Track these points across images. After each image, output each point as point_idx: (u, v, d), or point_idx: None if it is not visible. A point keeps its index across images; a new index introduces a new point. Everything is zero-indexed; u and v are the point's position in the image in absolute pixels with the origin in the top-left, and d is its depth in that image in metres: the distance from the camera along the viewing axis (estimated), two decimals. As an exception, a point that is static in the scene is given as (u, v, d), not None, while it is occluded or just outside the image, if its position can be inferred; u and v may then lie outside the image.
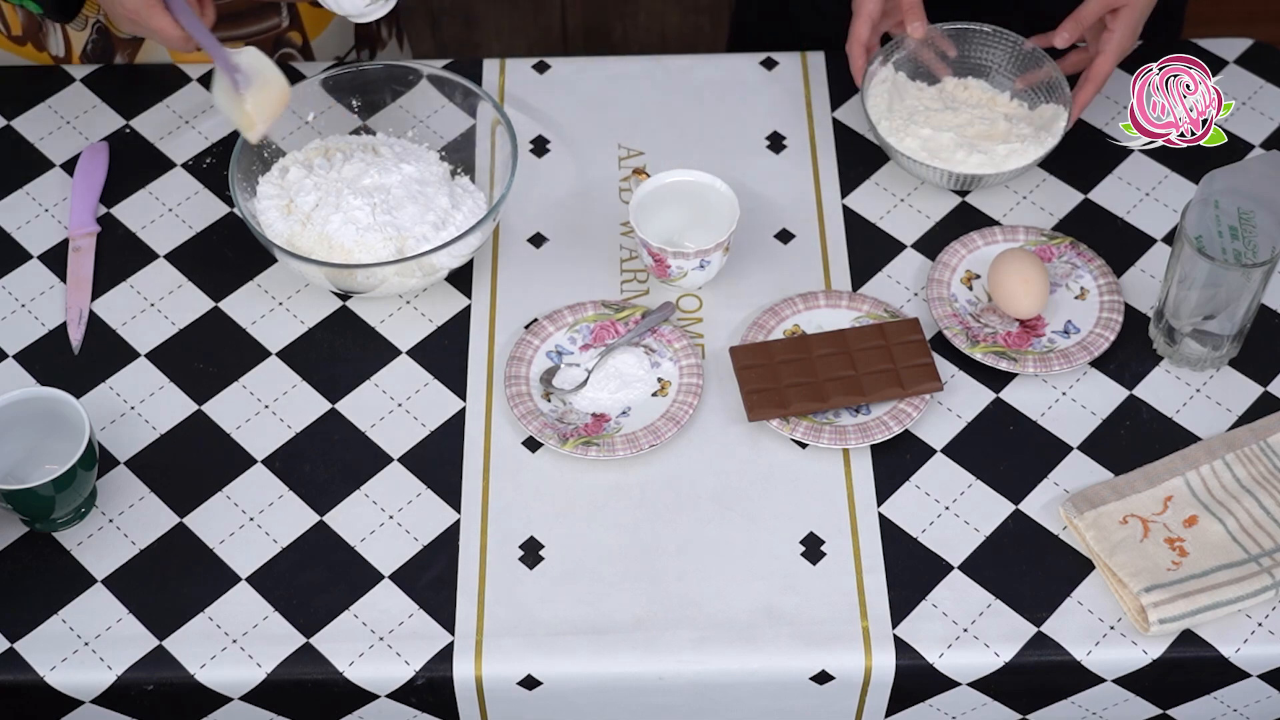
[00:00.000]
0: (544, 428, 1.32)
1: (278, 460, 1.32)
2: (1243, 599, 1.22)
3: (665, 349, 1.37)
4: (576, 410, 1.35)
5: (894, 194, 1.50)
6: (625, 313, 1.39)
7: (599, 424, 1.33)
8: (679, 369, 1.36)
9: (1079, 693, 1.24)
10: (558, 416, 1.34)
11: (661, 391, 1.35)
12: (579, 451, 1.30)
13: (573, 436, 1.32)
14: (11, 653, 1.22)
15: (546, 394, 1.35)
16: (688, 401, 1.34)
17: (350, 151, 1.46)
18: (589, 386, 1.35)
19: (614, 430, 1.33)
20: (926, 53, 1.52)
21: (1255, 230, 1.31)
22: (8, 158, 1.53)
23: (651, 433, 1.32)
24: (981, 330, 1.38)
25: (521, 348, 1.37)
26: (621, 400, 1.35)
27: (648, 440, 1.31)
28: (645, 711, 1.25)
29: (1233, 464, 1.30)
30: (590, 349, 1.38)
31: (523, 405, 1.33)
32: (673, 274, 1.39)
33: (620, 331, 1.38)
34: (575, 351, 1.38)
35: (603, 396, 1.35)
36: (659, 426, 1.32)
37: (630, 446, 1.31)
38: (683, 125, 1.55)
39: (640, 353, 1.37)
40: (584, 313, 1.39)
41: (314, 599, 1.24)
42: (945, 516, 1.29)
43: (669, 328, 1.38)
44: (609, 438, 1.32)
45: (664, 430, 1.32)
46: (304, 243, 1.38)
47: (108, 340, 1.40)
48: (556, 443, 1.31)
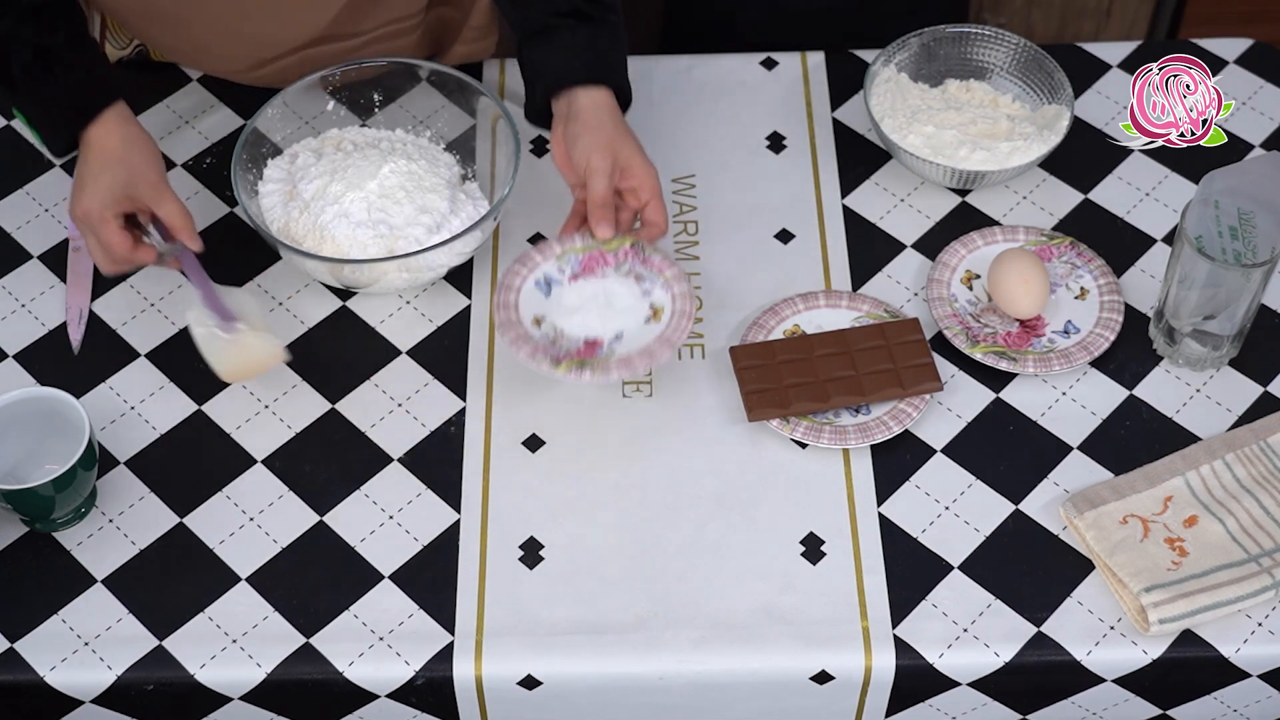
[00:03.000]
0: (536, 352, 1.31)
1: (278, 460, 1.32)
2: (1243, 599, 1.22)
3: (655, 277, 1.36)
4: (568, 336, 1.34)
5: (894, 194, 1.50)
6: (615, 242, 1.37)
7: (592, 349, 1.33)
8: (671, 295, 1.35)
9: (1079, 693, 1.24)
10: (550, 341, 1.33)
11: (654, 317, 1.35)
12: (573, 374, 1.29)
13: (566, 360, 1.30)
14: (11, 653, 1.22)
15: (537, 320, 1.34)
16: (682, 326, 1.32)
17: (362, 145, 1.46)
18: (580, 313, 1.34)
19: (608, 355, 1.32)
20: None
21: (1255, 230, 1.31)
22: (8, 158, 1.53)
23: (646, 354, 1.31)
24: (981, 330, 1.38)
25: (510, 276, 1.36)
26: (614, 326, 1.34)
27: (642, 363, 1.30)
28: (645, 711, 1.25)
29: (1233, 464, 1.30)
30: (579, 279, 1.37)
31: (513, 331, 1.32)
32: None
33: (610, 261, 1.37)
34: (564, 282, 1.37)
35: (594, 322, 1.34)
36: (653, 348, 1.31)
37: (625, 368, 1.30)
38: (683, 125, 1.55)
39: (631, 281, 1.36)
40: (572, 243, 1.38)
41: (314, 599, 1.24)
42: (945, 516, 1.29)
43: (658, 256, 1.37)
44: (603, 360, 1.31)
45: (658, 352, 1.30)
46: (299, 230, 1.38)
47: (108, 340, 1.40)
48: (549, 366, 1.29)
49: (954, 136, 1.46)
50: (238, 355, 1.31)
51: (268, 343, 1.32)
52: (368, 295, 1.42)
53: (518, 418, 1.35)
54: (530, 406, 1.35)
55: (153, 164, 1.34)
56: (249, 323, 1.32)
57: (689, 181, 1.51)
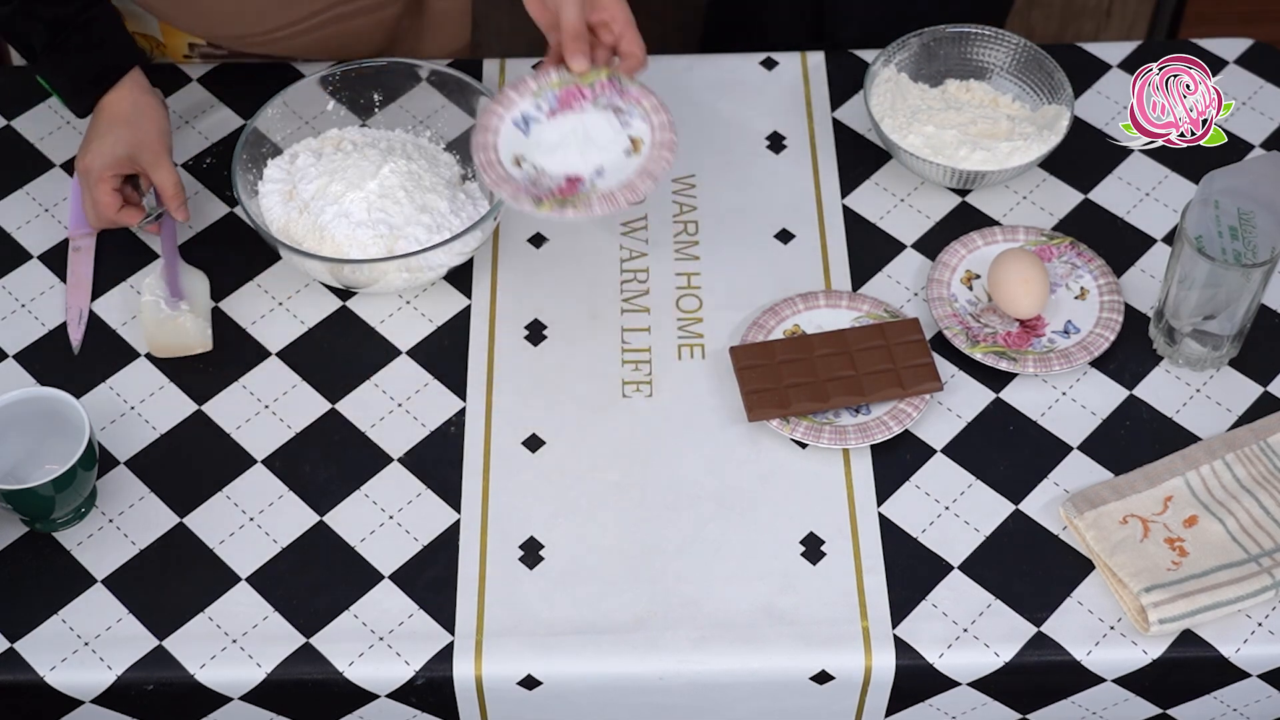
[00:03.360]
0: (517, 192, 1.30)
1: (278, 460, 1.32)
2: (1243, 599, 1.22)
3: (634, 108, 1.35)
4: (549, 174, 1.33)
5: (894, 194, 1.50)
6: (591, 75, 1.36)
7: (573, 186, 1.32)
8: (650, 126, 1.34)
9: (1079, 693, 1.24)
10: (531, 181, 1.32)
11: (635, 150, 1.34)
12: (555, 212, 1.29)
13: (548, 199, 1.30)
14: (11, 653, 1.22)
15: (517, 160, 1.34)
16: (663, 157, 1.32)
17: (362, 145, 1.46)
18: (560, 150, 1.34)
19: (590, 190, 1.31)
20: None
21: (1255, 230, 1.31)
22: (8, 158, 1.53)
23: (628, 189, 1.30)
24: (981, 330, 1.38)
25: (488, 117, 1.36)
26: (594, 161, 1.34)
27: (625, 197, 1.30)
28: (645, 711, 1.25)
29: (1233, 464, 1.30)
30: (557, 115, 1.36)
31: (494, 172, 1.32)
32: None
33: (587, 96, 1.36)
34: (543, 119, 1.36)
35: (574, 159, 1.33)
36: (635, 182, 1.31)
37: (607, 203, 1.29)
38: (683, 125, 1.55)
39: (609, 114, 1.36)
40: (548, 79, 1.36)
41: (314, 599, 1.24)
42: (945, 516, 1.29)
43: (636, 88, 1.36)
44: (585, 197, 1.30)
45: (640, 186, 1.30)
46: (298, 230, 1.39)
47: (108, 340, 1.40)
48: (531, 205, 1.29)
49: (954, 136, 1.46)
50: (170, 332, 1.37)
51: (200, 330, 1.38)
52: (368, 295, 1.42)
53: (518, 418, 1.35)
54: (530, 406, 1.35)
55: (158, 132, 1.42)
56: (193, 306, 1.38)
57: (689, 181, 1.51)
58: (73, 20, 1.40)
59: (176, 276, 1.41)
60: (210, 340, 1.38)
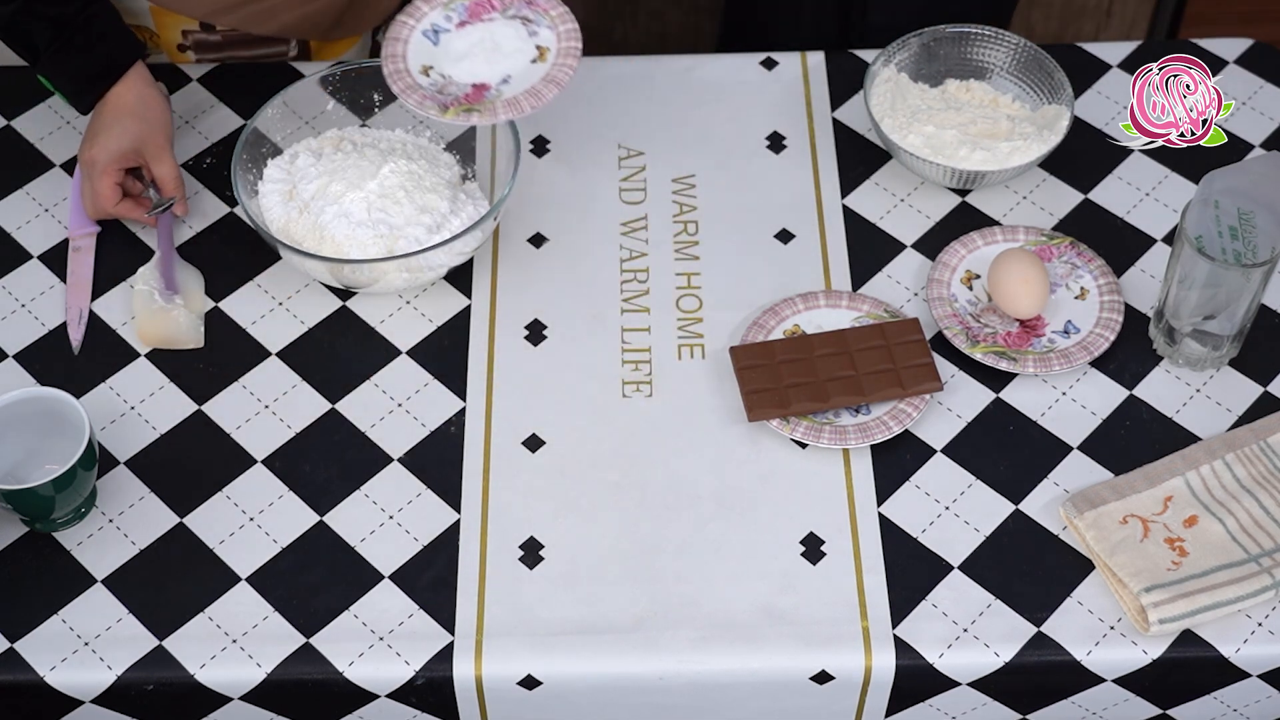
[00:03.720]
0: (424, 100, 1.35)
1: (278, 460, 1.32)
2: (1243, 599, 1.22)
3: (542, 18, 1.39)
4: (456, 82, 1.37)
5: (894, 194, 1.50)
6: None
7: (479, 93, 1.36)
8: (556, 34, 1.38)
9: (1079, 693, 1.24)
10: (438, 89, 1.36)
11: (540, 58, 1.37)
12: (460, 118, 1.34)
13: (454, 105, 1.34)
14: (11, 653, 1.22)
15: (425, 69, 1.37)
16: (567, 64, 1.36)
17: (362, 145, 1.46)
18: (467, 59, 1.37)
19: (495, 97, 1.35)
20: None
21: (1255, 230, 1.31)
22: (8, 158, 1.53)
23: (532, 95, 1.34)
24: (981, 330, 1.38)
25: (398, 28, 1.39)
26: (501, 69, 1.37)
27: (529, 103, 1.34)
28: (645, 711, 1.25)
29: (1233, 464, 1.30)
30: (466, 26, 1.39)
31: (402, 81, 1.36)
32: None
33: (496, 6, 1.39)
34: (452, 29, 1.39)
35: (481, 67, 1.37)
36: (539, 88, 1.35)
37: (511, 109, 1.34)
38: (683, 125, 1.55)
39: (518, 24, 1.39)
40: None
41: (314, 599, 1.24)
42: (945, 516, 1.29)
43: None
44: (490, 103, 1.34)
45: (544, 92, 1.34)
46: (298, 231, 1.39)
47: (108, 340, 1.40)
48: (438, 112, 1.34)
49: (954, 136, 1.46)
50: (162, 325, 1.38)
51: (192, 325, 1.39)
52: (368, 295, 1.42)
53: (518, 418, 1.35)
54: (530, 406, 1.35)
55: (161, 125, 1.45)
56: (187, 301, 1.40)
57: (689, 181, 1.51)
58: (74, 18, 1.41)
59: (172, 271, 1.42)
60: (202, 337, 1.39)
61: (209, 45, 1.59)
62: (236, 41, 1.59)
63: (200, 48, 1.59)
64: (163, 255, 1.43)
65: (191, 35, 1.58)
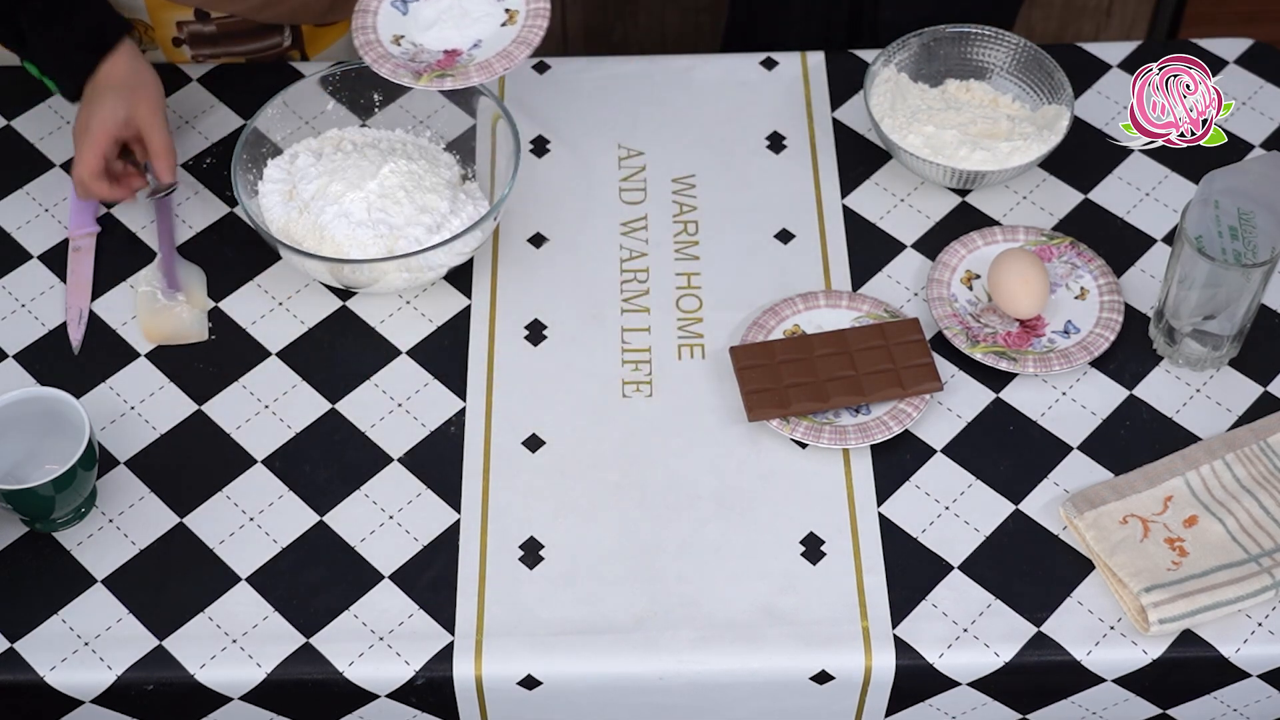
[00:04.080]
0: (397, 68, 1.36)
1: (278, 460, 1.32)
2: (1243, 599, 1.22)
3: None
4: (428, 50, 1.38)
5: (894, 194, 1.50)
6: None
7: (451, 59, 1.37)
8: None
9: (1079, 693, 1.24)
10: (410, 58, 1.37)
11: (510, 20, 1.39)
12: (434, 84, 1.35)
13: (426, 72, 1.36)
14: (11, 653, 1.22)
15: (396, 39, 1.39)
16: (536, 25, 1.37)
17: (362, 145, 1.46)
18: (436, 26, 1.39)
19: (467, 61, 1.37)
20: None
21: (1255, 230, 1.31)
22: (8, 158, 1.53)
23: (504, 56, 1.36)
24: (981, 330, 1.38)
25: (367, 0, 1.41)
26: (471, 35, 1.39)
27: (501, 64, 1.35)
28: (645, 711, 1.25)
29: (1233, 464, 1.30)
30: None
31: (374, 51, 1.38)
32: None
33: None
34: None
35: (451, 33, 1.38)
36: (510, 50, 1.36)
37: (484, 72, 1.35)
38: (683, 125, 1.55)
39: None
40: None
41: (314, 599, 1.24)
42: (945, 516, 1.29)
43: None
44: (463, 68, 1.36)
45: (515, 53, 1.36)
46: (298, 231, 1.39)
47: (108, 340, 1.40)
48: (411, 79, 1.35)
49: (954, 136, 1.46)
50: (166, 321, 1.39)
51: (196, 320, 1.40)
52: (368, 295, 1.42)
53: (518, 418, 1.35)
54: (530, 406, 1.35)
55: (153, 95, 1.43)
56: (190, 298, 1.40)
57: (689, 181, 1.51)
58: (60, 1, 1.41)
59: (173, 269, 1.42)
60: (206, 331, 1.39)
61: (204, 38, 1.59)
62: (232, 32, 1.59)
63: (195, 41, 1.59)
64: (164, 255, 1.43)
65: (186, 27, 1.58)
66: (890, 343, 1.36)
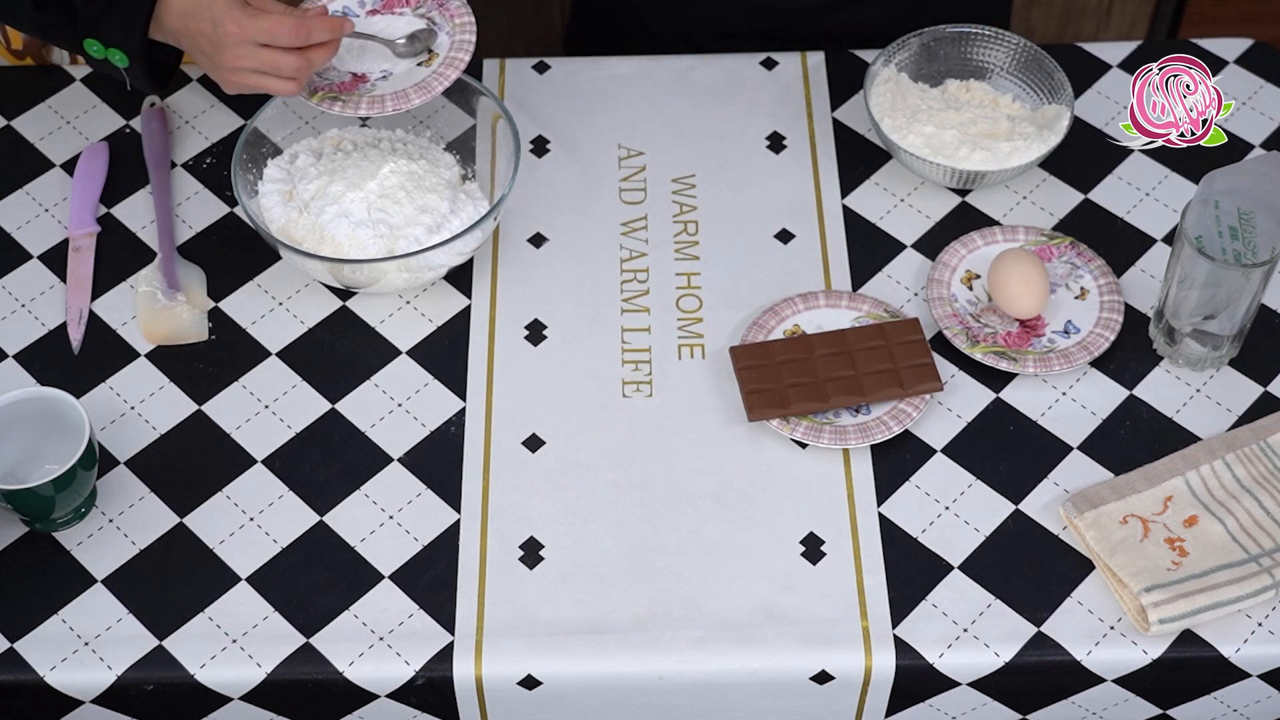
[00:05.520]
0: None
1: (278, 460, 1.32)
2: (1243, 599, 1.22)
3: (445, 23, 1.40)
4: (338, 70, 1.38)
5: (894, 194, 1.50)
6: None
7: (355, 84, 1.37)
8: (450, 42, 1.39)
9: (1079, 693, 1.24)
10: (318, 72, 1.37)
11: (427, 62, 1.39)
12: (325, 105, 1.35)
13: (324, 89, 1.36)
14: (11, 653, 1.22)
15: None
16: (445, 74, 1.37)
17: (362, 145, 1.46)
18: (357, 50, 1.39)
19: (366, 90, 1.37)
20: None
21: (1255, 230, 1.31)
22: (8, 158, 1.53)
23: (399, 97, 1.35)
24: (981, 330, 1.38)
25: (312, 2, 1.40)
26: (384, 65, 1.39)
27: (393, 103, 1.35)
28: (645, 711, 1.25)
29: (1233, 464, 1.30)
30: (376, 14, 1.40)
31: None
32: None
33: (410, 1, 1.41)
34: (361, 15, 1.40)
35: (367, 61, 1.39)
36: (409, 93, 1.36)
37: (374, 105, 1.35)
38: (683, 125, 1.55)
39: (421, 24, 1.40)
40: None
41: (314, 599, 1.24)
42: (945, 516, 1.29)
43: (457, 3, 1.40)
44: (357, 96, 1.36)
45: (412, 96, 1.35)
46: (298, 231, 1.39)
47: (108, 340, 1.40)
48: (305, 93, 1.35)
49: (954, 136, 1.47)
50: (166, 321, 1.39)
51: (196, 319, 1.40)
52: (368, 295, 1.42)
53: (518, 418, 1.35)
54: (530, 406, 1.35)
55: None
56: (190, 298, 1.40)
57: (689, 181, 1.51)
58: None
59: (173, 269, 1.42)
60: (206, 330, 1.39)
61: None
62: None
63: None
64: (163, 255, 1.43)
65: None
66: (890, 343, 1.36)
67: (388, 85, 1.38)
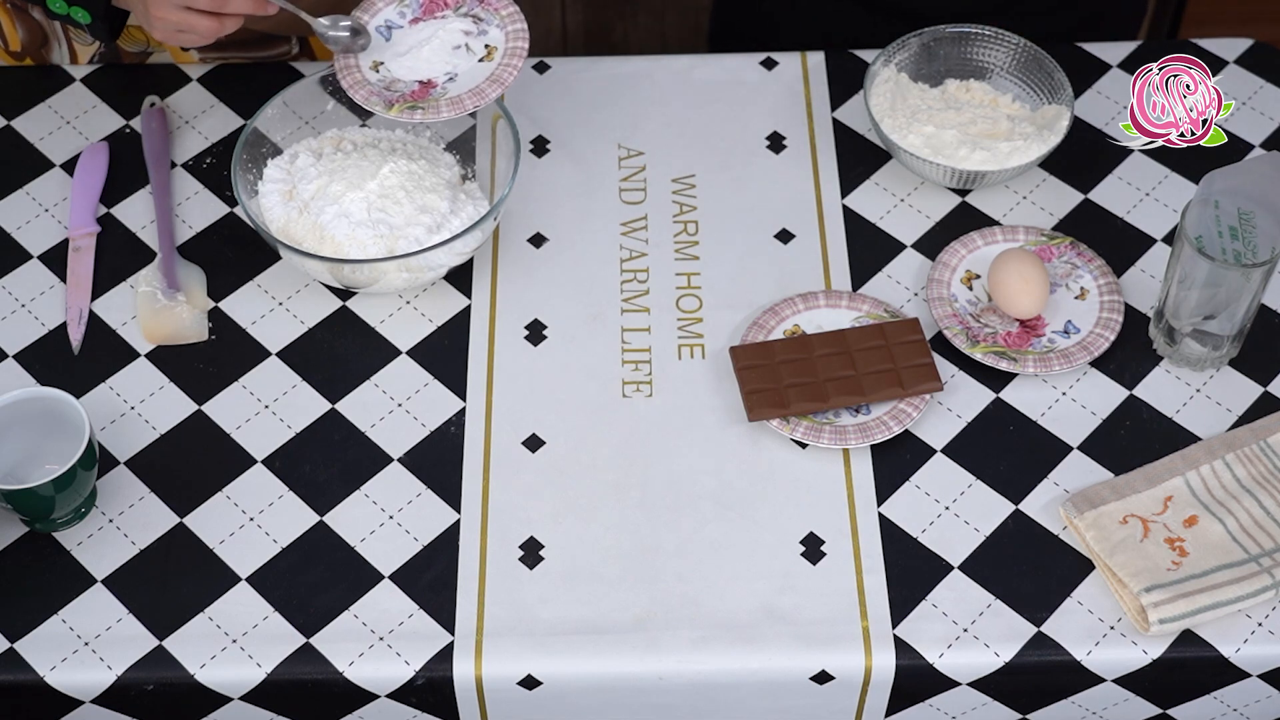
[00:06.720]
0: (371, 95, 1.38)
1: (278, 460, 1.32)
2: (1243, 599, 1.22)
3: (492, 17, 1.42)
4: (403, 80, 1.40)
5: (894, 194, 1.50)
6: None
7: (425, 91, 1.39)
8: (505, 34, 1.41)
9: (1079, 693, 1.24)
10: (385, 85, 1.39)
11: (488, 57, 1.40)
12: (405, 115, 1.37)
13: (399, 102, 1.37)
14: (11, 653, 1.22)
15: (375, 65, 1.40)
16: (512, 64, 1.39)
17: (362, 145, 1.46)
18: (415, 56, 1.40)
19: (440, 95, 1.38)
20: None
21: (1255, 230, 1.31)
22: (8, 158, 1.53)
23: (476, 94, 1.37)
24: (981, 330, 1.38)
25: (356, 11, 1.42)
26: (447, 67, 1.40)
27: (471, 101, 1.37)
28: (645, 711, 1.25)
29: (1233, 464, 1.30)
30: (420, 22, 1.42)
31: (350, 76, 1.39)
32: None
33: (450, 4, 1.42)
34: (405, 26, 1.42)
35: (428, 65, 1.40)
36: (483, 87, 1.38)
37: (454, 107, 1.37)
38: (683, 125, 1.55)
39: (468, 23, 1.42)
40: None
41: (314, 599, 1.24)
42: (945, 516, 1.29)
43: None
44: (434, 101, 1.37)
45: (488, 91, 1.37)
46: (298, 231, 1.39)
47: (108, 340, 1.40)
48: (383, 108, 1.37)
49: (954, 136, 1.47)
50: (166, 321, 1.40)
51: (196, 320, 1.40)
52: (368, 295, 1.42)
53: (518, 418, 1.35)
54: (530, 406, 1.35)
55: None
56: (190, 298, 1.41)
57: (689, 181, 1.51)
58: None
59: (173, 269, 1.42)
60: (206, 330, 1.39)
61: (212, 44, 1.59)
62: (240, 40, 1.59)
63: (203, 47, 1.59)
64: (163, 255, 1.43)
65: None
66: (890, 343, 1.36)
67: (457, 86, 1.39)
